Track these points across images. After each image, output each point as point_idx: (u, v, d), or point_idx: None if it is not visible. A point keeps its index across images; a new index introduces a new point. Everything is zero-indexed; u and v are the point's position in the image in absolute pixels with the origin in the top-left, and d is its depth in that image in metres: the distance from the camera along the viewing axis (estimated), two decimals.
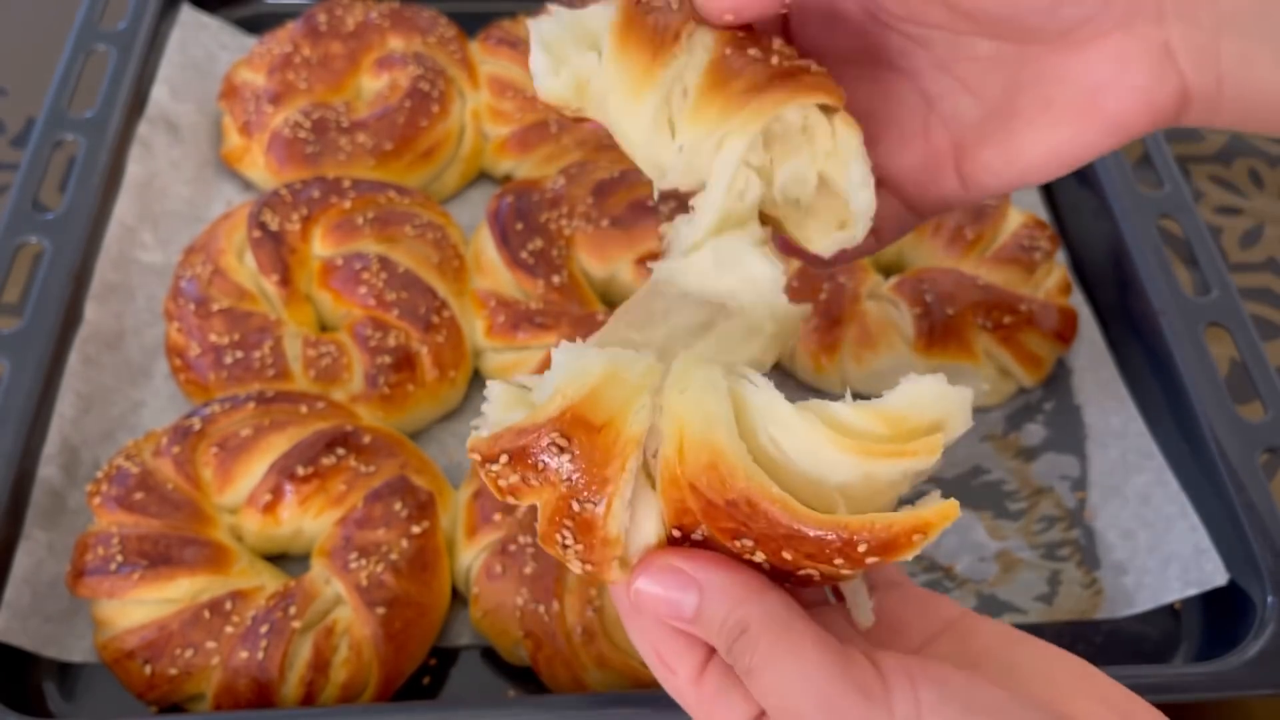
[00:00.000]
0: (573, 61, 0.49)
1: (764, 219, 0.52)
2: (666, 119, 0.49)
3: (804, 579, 0.44)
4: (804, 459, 0.43)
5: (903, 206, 0.57)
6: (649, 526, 0.45)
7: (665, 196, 0.77)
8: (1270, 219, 1.05)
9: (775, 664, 0.43)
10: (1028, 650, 0.47)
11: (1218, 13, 0.47)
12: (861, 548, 0.42)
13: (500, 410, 0.46)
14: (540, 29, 0.49)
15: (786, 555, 0.43)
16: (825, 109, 0.49)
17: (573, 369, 0.45)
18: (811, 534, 0.42)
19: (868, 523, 0.42)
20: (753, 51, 0.48)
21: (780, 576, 0.45)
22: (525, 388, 0.47)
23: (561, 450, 0.44)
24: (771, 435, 0.43)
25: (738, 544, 0.43)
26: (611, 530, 0.44)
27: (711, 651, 0.47)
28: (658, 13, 0.48)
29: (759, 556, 0.43)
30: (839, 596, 0.50)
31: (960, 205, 0.57)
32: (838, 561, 0.42)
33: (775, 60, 0.49)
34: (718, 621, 0.44)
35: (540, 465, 0.44)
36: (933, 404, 0.43)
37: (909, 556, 0.42)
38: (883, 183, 0.56)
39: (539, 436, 0.44)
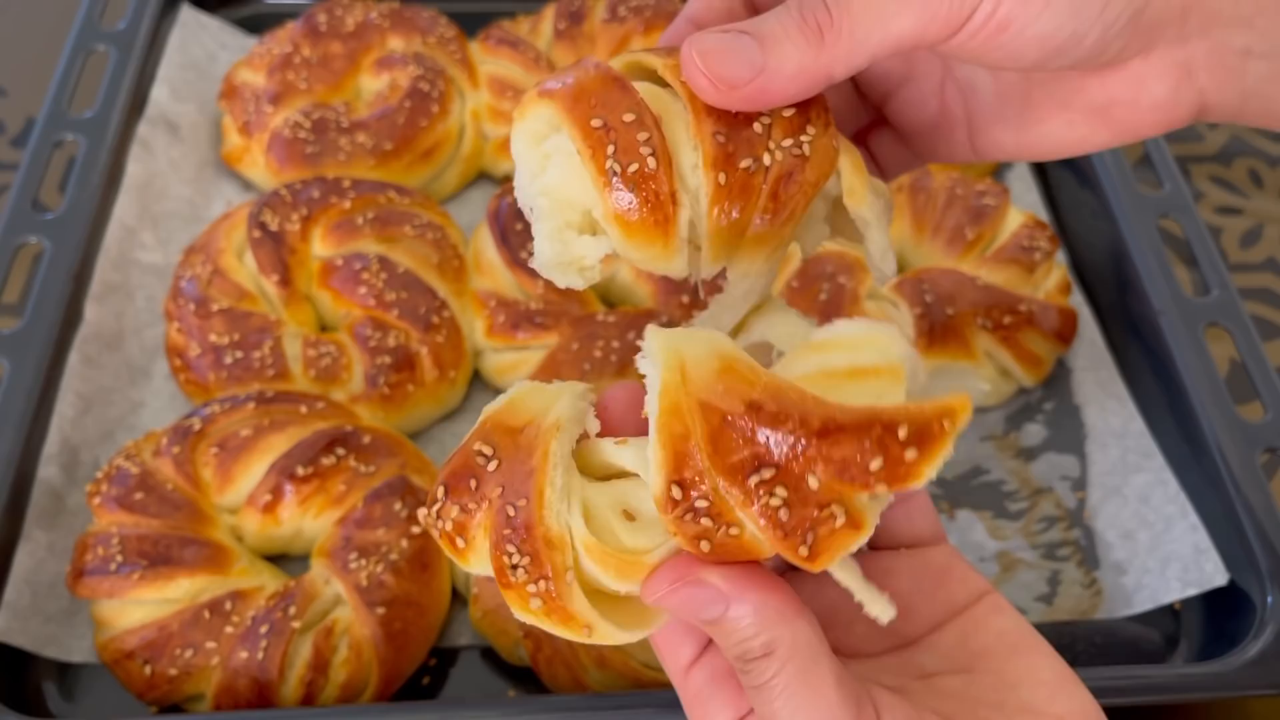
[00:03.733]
0: (583, 257, 0.45)
1: None
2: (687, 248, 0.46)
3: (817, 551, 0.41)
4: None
5: (910, 153, 0.57)
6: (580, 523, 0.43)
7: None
8: (1270, 219, 1.05)
9: (793, 694, 0.42)
10: (1026, 667, 0.46)
11: (1247, 36, 0.47)
12: (902, 433, 0.39)
13: None
14: (540, 260, 0.46)
15: (813, 480, 0.40)
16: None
17: (498, 399, 0.46)
18: (848, 423, 0.39)
19: (901, 408, 0.40)
20: (745, 163, 0.44)
21: (796, 533, 0.40)
22: None
23: (487, 458, 0.43)
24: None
25: (752, 483, 0.40)
26: (551, 526, 0.42)
27: (702, 650, 0.46)
28: (642, 181, 0.43)
29: (776, 497, 0.40)
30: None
31: (966, 162, 0.57)
32: (874, 467, 0.39)
33: (770, 160, 0.44)
34: (743, 637, 0.42)
35: (471, 483, 0.44)
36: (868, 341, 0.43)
37: (946, 449, 0.40)
38: (894, 131, 0.57)
39: (464, 452, 0.44)
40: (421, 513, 0.46)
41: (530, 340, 0.86)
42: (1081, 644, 0.77)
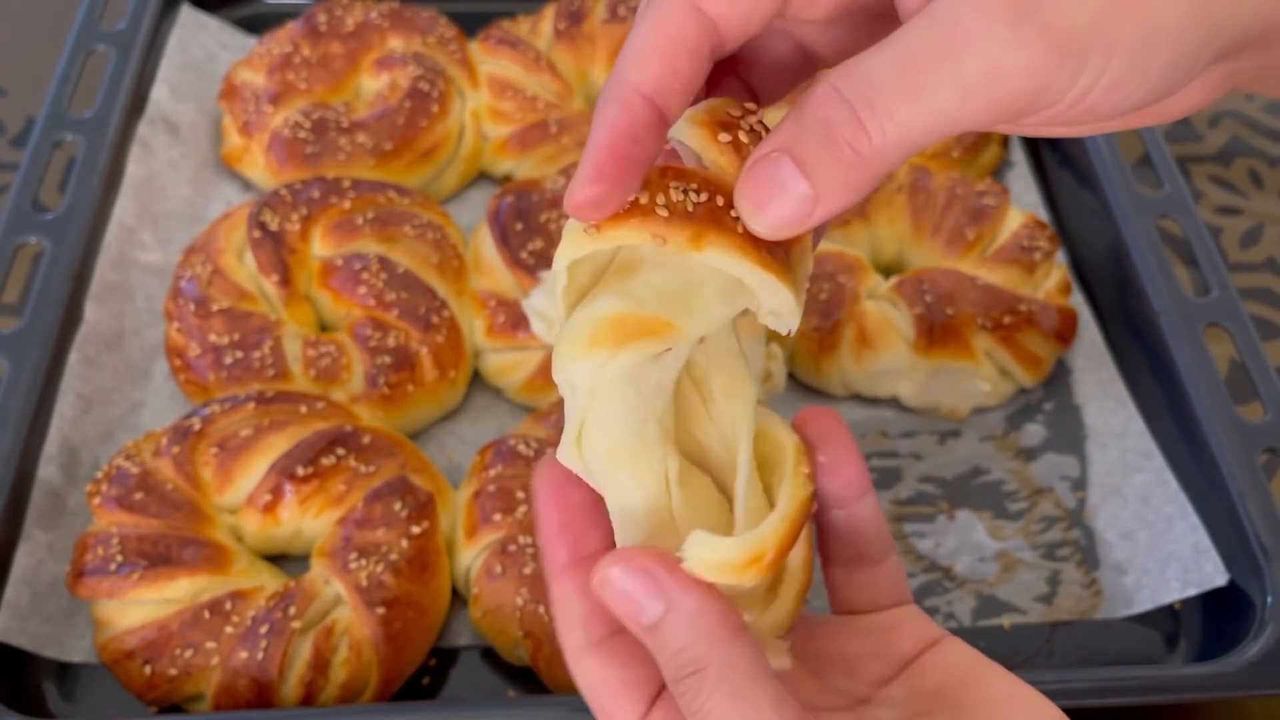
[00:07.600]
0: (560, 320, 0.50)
1: None
2: None
3: None
4: None
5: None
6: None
7: None
8: (1270, 219, 1.05)
9: (727, 717, 0.40)
10: (976, 692, 0.45)
11: None
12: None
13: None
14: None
15: None
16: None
17: None
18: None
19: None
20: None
21: None
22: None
23: None
24: None
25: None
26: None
27: (652, 702, 0.45)
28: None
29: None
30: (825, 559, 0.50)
31: None
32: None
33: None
34: (674, 647, 0.41)
35: None
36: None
37: None
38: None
39: None
40: None
41: (530, 340, 0.86)
42: (1081, 644, 0.77)
